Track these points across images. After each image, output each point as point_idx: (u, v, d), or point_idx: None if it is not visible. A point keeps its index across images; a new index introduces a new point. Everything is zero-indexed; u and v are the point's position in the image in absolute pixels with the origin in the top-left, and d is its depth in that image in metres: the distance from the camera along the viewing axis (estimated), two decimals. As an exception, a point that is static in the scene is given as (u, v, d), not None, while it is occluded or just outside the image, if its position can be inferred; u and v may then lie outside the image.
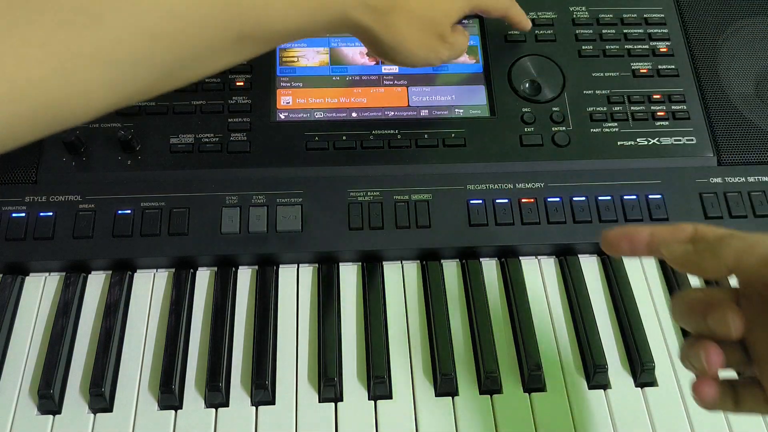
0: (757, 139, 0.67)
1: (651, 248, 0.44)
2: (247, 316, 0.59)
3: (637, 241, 0.45)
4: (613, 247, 0.46)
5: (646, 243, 0.44)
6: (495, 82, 0.69)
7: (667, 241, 0.43)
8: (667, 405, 0.55)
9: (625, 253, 0.46)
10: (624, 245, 0.45)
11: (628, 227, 0.46)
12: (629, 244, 0.45)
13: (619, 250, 0.46)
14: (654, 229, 0.44)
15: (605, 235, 0.46)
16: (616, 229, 0.46)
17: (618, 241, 0.46)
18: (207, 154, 0.64)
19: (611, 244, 0.46)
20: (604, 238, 0.46)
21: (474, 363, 0.57)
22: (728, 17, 0.73)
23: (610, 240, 0.46)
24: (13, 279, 0.59)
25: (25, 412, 0.54)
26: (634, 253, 0.45)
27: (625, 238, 0.45)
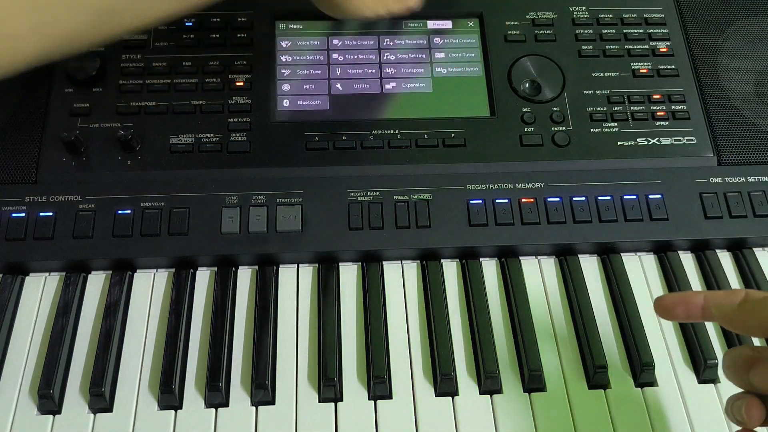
0: (757, 139, 0.67)
1: (705, 312, 0.46)
2: (247, 316, 0.59)
3: (693, 306, 0.46)
4: (669, 312, 0.47)
5: (700, 307, 0.46)
6: (495, 82, 0.69)
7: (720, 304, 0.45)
8: (667, 405, 0.55)
9: (681, 318, 0.47)
10: (679, 310, 0.46)
11: (683, 294, 0.47)
12: (685, 309, 0.46)
13: (674, 315, 0.47)
14: (708, 294, 0.46)
15: (660, 302, 0.47)
16: (672, 295, 0.47)
17: (674, 306, 0.47)
18: (207, 154, 0.64)
19: (666, 309, 0.47)
20: (659, 304, 0.47)
21: (474, 363, 0.57)
22: (728, 17, 0.73)
23: (666, 305, 0.47)
24: (13, 279, 0.59)
25: (25, 412, 0.54)
26: (689, 318, 0.47)
27: (681, 303, 0.46)
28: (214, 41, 0.69)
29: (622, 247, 0.63)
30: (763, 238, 0.64)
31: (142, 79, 0.67)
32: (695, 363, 0.58)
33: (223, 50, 0.69)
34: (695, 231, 0.63)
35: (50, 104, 0.65)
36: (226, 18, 0.70)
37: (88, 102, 0.65)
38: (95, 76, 0.66)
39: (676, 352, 0.58)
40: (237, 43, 0.69)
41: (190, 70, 0.67)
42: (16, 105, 0.65)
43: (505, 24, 0.72)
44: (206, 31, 0.69)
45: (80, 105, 0.65)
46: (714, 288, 0.62)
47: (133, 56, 0.68)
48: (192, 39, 0.69)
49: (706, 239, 0.63)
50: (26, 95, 0.65)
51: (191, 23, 0.69)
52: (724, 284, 0.62)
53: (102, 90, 0.66)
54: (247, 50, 0.69)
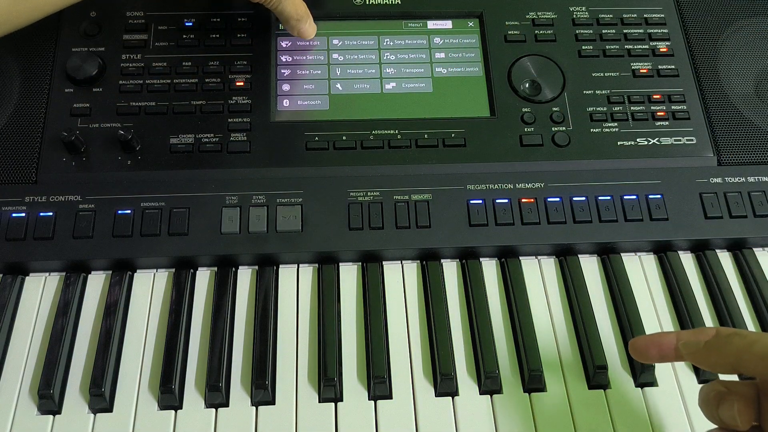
0: (757, 139, 0.67)
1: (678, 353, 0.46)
2: (247, 316, 0.59)
3: (665, 346, 0.46)
4: (642, 354, 0.47)
5: (673, 347, 0.46)
6: (495, 82, 0.69)
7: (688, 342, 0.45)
8: (667, 405, 0.55)
9: (655, 360, 0.47)
10: (653, 351, 0.47)
11: (655, 334, 0.47)
12: (658, 350, 0.46)
13: (648, 356, 0.47)
14: (679, 334, 0.46)
15: (633, 344, 0.48)
16: (644, 337, 0.47)
17: (646, 348, 0.47)
18: (207, 154, 0.64)
19: (640, 351, 0.47)
20: (633, 345, 0.48)
21: (474, 363, 0.57)
22: (728, 17, 0.73)
23: (639, 347, 0.47)
24: (13, 279, 0.59)
25: (25, 412, 0.54)
26: (663, 359, 0.47)
27: (653, 344, 0.46)
28: (214, 41, 0.69)
29: (622, 247, 0.63)
30: (763, 238, 0.64)
31: (142, 79, 0.67)
32: (695, 363, 0.58)
33: (223, 50, 0.69)
34: (695, 231, 0.63)
35: (50, 104, 0.65)
36: (226, 18, 0.70)
37: (88, 102, 0.65)
38: (95, 76, 0.66)
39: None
40: (237, 43, 0.69)
41: (190, 70, 0.67)
42: (16, 105, 0.65)
43: (505, 24, 0.72)
44: (206, 31, 0.69)
45: (80, 105, 0.65)
46: (714, 288, 0.62)
47: (133, 56, 0.68)
48: (192, 39, 0.69)
49: (706, 239, 0.63)
50: (26, 95, 0.65)
51: (191, 23, 0.70)
52: (724, 284, 0.62)
53: (102, 90, 0.66)
54: (247, 50, 0.69)
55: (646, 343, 0.47)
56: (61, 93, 0.66)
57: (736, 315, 0.59)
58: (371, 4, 0.72)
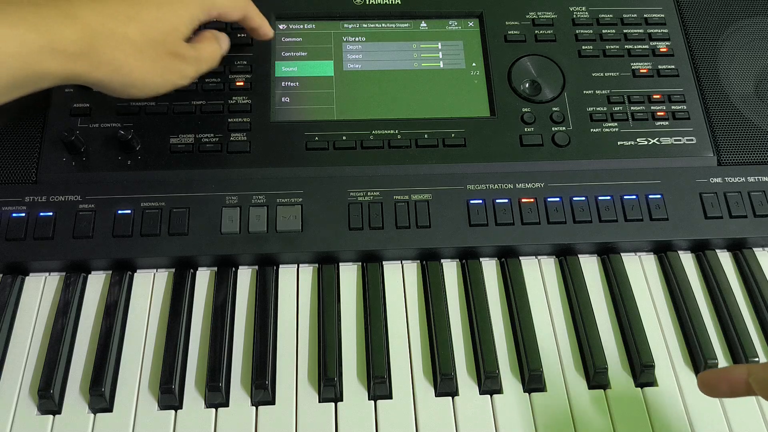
0: (757, 139, 0.67)
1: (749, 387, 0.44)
2: (247, 316, 0.59)
3: (735, 381, 0.45)
4: (713, 388, 0.46)
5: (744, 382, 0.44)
6: (495, 82, 0.69)
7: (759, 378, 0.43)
8: (667, 405, 0.55)
9: (725, 395, 0.46)
10: (723, 386, 0.45)
11: (725, 369, 0.46)
12: (728, 385, 0.45)
13: (719, 391, 0.46)
14: (750, 368, 0.45)
15: (703, 378, 0.46)
16: (714, 371, 0.46)
17: (717, 383, 0.46)
18: (207, 154, 0.64)
19: (710, 386, 0.46)
20: (702, 380, 0.46)
21: (474, 363, 0.57)
22: (728, 17, 0.73)
23: (709, 382, 0.46)
24: (13, 279, 0.59)
25: (25, 412, 0.54)
26: (734, 393, 0.45)
27: (724, 379, 0.45)
28: (214, 41, 0.69)
29: (622, 247, 0.63)
30: (763, 238, 0.64)
31: (142, 79, 0.67)
32: (695, 363, 0.58)
33: (223, 50, 0.69)
34: (695, 231, 0.63)
35: (50, 104, 0.65)
36: (226, 18, 0.70)
37: (88, 102, 0.65)
38: (95, 76, 0.66)
39: (676, 352, 0.58)
40: (237, 43, 0.69)
41: (190, 70, 0.67)
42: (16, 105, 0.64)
43: (505, 24, 0.72)
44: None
45: (80, 105, 0.65)
46: (714, 288, 0.62)
47: (133, 56, 0.68)
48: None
49: (706, 239, 0.63)
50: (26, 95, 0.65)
51: (191, 23, 0.69)
52: (724, 284, 0.62)
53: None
54: (247, 50, 0.69)
55: (717, 378, 0.45)
56: (61, 93, 0.66)
57: (736, 315, 0.59)
58: (371, 4, 0.72)
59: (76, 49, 0.48)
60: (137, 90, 0.54)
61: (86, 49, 0.49)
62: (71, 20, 0.48)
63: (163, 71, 0.54)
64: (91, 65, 0.50)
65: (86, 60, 0.49)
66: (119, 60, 0.51)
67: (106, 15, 0.50)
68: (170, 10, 0.54)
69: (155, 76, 0.54)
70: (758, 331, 0.60)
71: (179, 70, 0.56)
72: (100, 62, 0.50)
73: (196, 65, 0.58)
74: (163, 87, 0.55)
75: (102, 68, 0.50)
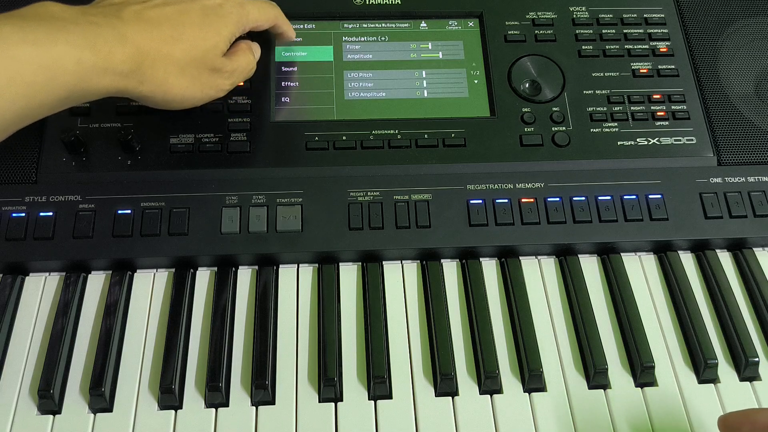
0: (757, 139, 0.67)
1: None
2: (247, 316, 0.59)
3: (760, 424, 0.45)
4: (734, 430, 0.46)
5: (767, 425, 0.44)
6: (495, 82, 0.69)
7: None
8: (667, 405, 0.55)
9: None
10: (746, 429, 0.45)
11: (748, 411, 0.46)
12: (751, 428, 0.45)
13: None
14: None
15: (726, 420, 0.46)
16: (737, 413, 0.46)
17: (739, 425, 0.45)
18: (207, 154, 0.64)
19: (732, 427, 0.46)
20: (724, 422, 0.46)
21: (474, 363, 0.57)
22: (728, 17, 0.73)
23: (731, 424, 0.46)
24: (13, 279, 0.59)
25: (25, 412, 0.54)
26: None
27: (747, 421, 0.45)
28: (214, 41, 0.69)
29: (622, 247, 0.63)
30: (763, 238, 0.64)
31: (142, 79, 0.66)
32: (695, 363, 0.58)
33: (223, 50, 0.69)
34: (695, 231, 0.63)
35: (50, 104, 0.65)
36: (226, 18, 0.70)
37: (88, 102, 0.65)
38: (95, 76, 0.66)
39: (676, 352, 0.58)
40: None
41: (190, 70, 0.67)
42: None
43: (505, 24, 0.72)
44: (206, 31, 0.69)
45: (80, 105, 0.65)
46: (714, 288, 0.62)
47: (133, 56, 0.68)
48: (192, 39, 0.69)
49: (706, 239, 0.63)
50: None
51: (191, 23, 0.69)
52: (724, 284, 0.62)
53: (102, 90, 0.66)
54: (247, 50, 0.69)
55: (740, 420, 0.45)
56: (61, 93, 0.66)
57: (736, 315, 0.59)
58: (371, 4, 0.72)
59: (126, 68, 0.52)
60: (177, 104, 0.58)
61: (135, 67, 0.53)
62: (124, 42, 0.52)
63: (202, 86, 0.58)
64: (138, 82, 0.54)
65: (134, 77, 0.53)
66: (163, 78, 0.55)
67: (153, 37, 0.54)
68: (211, 29, 0.57)
69: (195, 91, 0.58)
70: (758, 331, 0.60)
71: (216, 84, 0.60)
72: (146, 80, 0.54)
73: (232, 78, 0.61)
74: (201, 100, 0.60)
75: (146, 85, 0.54)
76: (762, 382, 0.57)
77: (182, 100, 0.58)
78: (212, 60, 0.58)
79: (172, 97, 0.57)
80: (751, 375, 0.57)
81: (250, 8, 0.62)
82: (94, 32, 0.50)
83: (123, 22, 0.53)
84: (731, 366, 0.58)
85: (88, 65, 0.50)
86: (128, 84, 0.53)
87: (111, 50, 0.51)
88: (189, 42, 0.56)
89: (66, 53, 0.48)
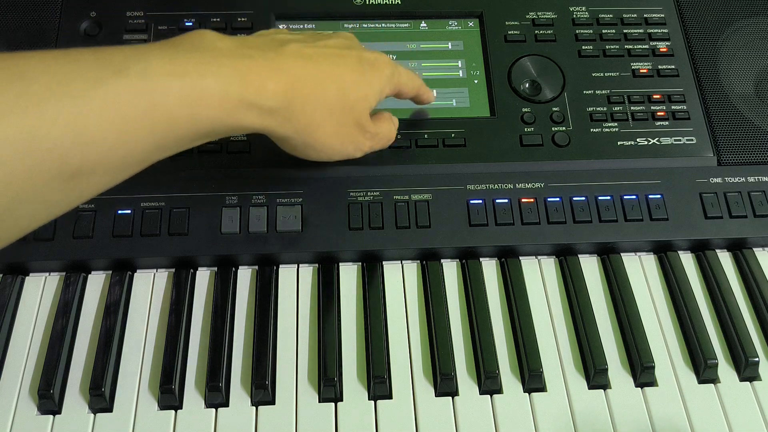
0: (757, 139, 0.67)
1: None
2: (247, 316, 0.59)
3: None
4: None
5: None
6: (495, 82, 0.69)
7: None
8: (667, 405, 0.55)
9: None
10: None
11: None
12: None
13: None
14: None
15: None
16: None
17: None
18: (207, 154, 0.64)
19: None
20: None
21: (474, 363, 0.57)
22: (728, 17, 0.73)
23: None
24: (13, 279, 0.59)
25: (25, 412, 0.54)
26: None
27: None
28: (214, 41, 0.69)
29: (622, 247, 0.63)
30: (763, 238, 0.64)
31: (142, 79, 0.66)
32: (695, 363, 0.58)
33: (223, 50, 0.68)
34: (695, 231, 0.63)
35: (50, 104, 0.65)
36: (226, 18, 0.70)
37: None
38: (95, 76, 0.66)
39: (676, 352, 0.58)
40: (237, 43, 0.69)
41: (190, 70, 0.67)
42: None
43: (505, 24, 0.72)
44: (206, 31, 0.69)
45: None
46: (714, 288, 0.62)
47: (133, 56, 0.68)
48: (192, 39, 0.69)
49: (706, 239, 0.63)
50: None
51: (191, 23, 0.70)
52: (724, 284, 0.62)
53: (102, 90, 0.66)
54: (247, 50, 0.69)
55: None
56: (61, 93, 0.65)
57: (736, 315, 0.59)
58: (371, 4, 0.72)
59: (275, 104, 0.49)
60: (315, 152, 0.55)
61: (285, 104, 0.49)
62: (278, 75, 0.49)
63: (344, 139, 0.55)
64: (284, 119, 0.50)
65: (281, 115, 0.50)
66: (310, 118, 0.51)
67: (310, 74, 0.50)
68: (365, 79, 0.54)
69: (336, 142, 0.55)
70: (758, 331, 0.60)
71: (357, 142, 0.57)
72: (293, 118, 0.50)
73: (372, 141, 0.59)
74: (339, 155, 0.57)
75: (293, 123, 0.51)
76: (762, 382, 0.57)
77: (322, 147, 0.54)
78: (360, 113, 0.55)
79: (313, 141, 0.53)
80: (751, 375, 0.57)
81: (401, 71, 0.59)
82: (247, 66, 0.47)
83: (281, 56, 0.50)
84: (731, 366, 0.58)
85: (234, 100, 0.46)
86: (273, 121, 0.50)
87: (263, 83, 0.47)
88: (342, 86, 0.52)
89: (213, 88, 0.45)
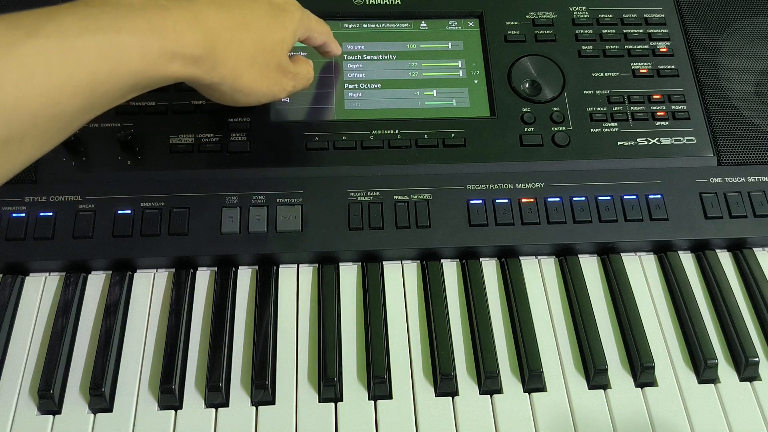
0: (757, 139, 0.67)
1: None
2: (247, 316, 0.59)
3: None
4: None
5: None
6: (495, 82, 0.69)
7: None
8: (667, 405, 0.55)
9: None
10: None
11: None
12: None
13: None
14: None
15: None
16: None
17: None
18: (207, 154, 0.64)
19: None
20: None
21: (474, 363, 0.57)
22: (728, 17, 0.73)
23: None
24: (13, 279, 0.59)
25: (25, 412, 0.54)
26: None
27: None
28: (214, 41, 0.69)
29: (622, 247, 0.63)
30: (763, 238, 0.64)
31: (142, 79, 0.66)
32: (695, 363, 0.58)
33: (223, 50, 0.68)
34: (695, 231, 0.63)
35: (50, 104, 0.65)
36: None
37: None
38: (95, 76, 0.66)
39: (676, 352, 0.58)
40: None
41: (190, 70, 0.67)
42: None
43: (505, 24, 0.72)
44: (206, 31, 0.69)
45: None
46: (714, 288, 0.62)
47: (133, 56, 0.68)
48: (192, 39, 0.69)
49: (706, 239, 0.63)
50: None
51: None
52: (724, 284, 0.62)
53: (102, 90, 0.66)
54: (247, 50, 0.69)
55: None
56: (61, 93, 0.65)
57: (736, 315, 0.59)
58: (371, 4, 0.72)
59: (197, 52, 0.50)
60: (243, 96, 0.56)
61: (207, 51, 0.50)
62: (195, 23, 0.50)
63: (268, 81, 0.57)
64: (210, 67, 0.51)
65: (205, 63, 0.51)
66: (234, 64, 0.53)
67: (224, 20, 0.52)
68: (278, 22, 0.57)
69: (262, 85, 0.56)
70: (758, 331, 0.60)
71: (281, 83, 0.59)
72: (218, 64, 0.52)
73: (294, 81, 0.61)
74: (266, 97, 0.58)
75: (218, 71, 0.52)
76: (762, 382, 0.57)
77: (249, 91, 0.56)
78: (279, 55, 0.57)
79: (240, 87, 0.55)
80: (751, 375, 0.57)
81: (310, 15, 0.62)
82: (162, 16, 0.47)
83: (195, 5, 0.51)
84: (731, 366, 0.58)
85: (155, 51, 0.47)
86: (198, 69, 0.51)
87: (181, 33, 0.48)
88: (259, 31, 0.55)
89: (130, 40, 0.45)
